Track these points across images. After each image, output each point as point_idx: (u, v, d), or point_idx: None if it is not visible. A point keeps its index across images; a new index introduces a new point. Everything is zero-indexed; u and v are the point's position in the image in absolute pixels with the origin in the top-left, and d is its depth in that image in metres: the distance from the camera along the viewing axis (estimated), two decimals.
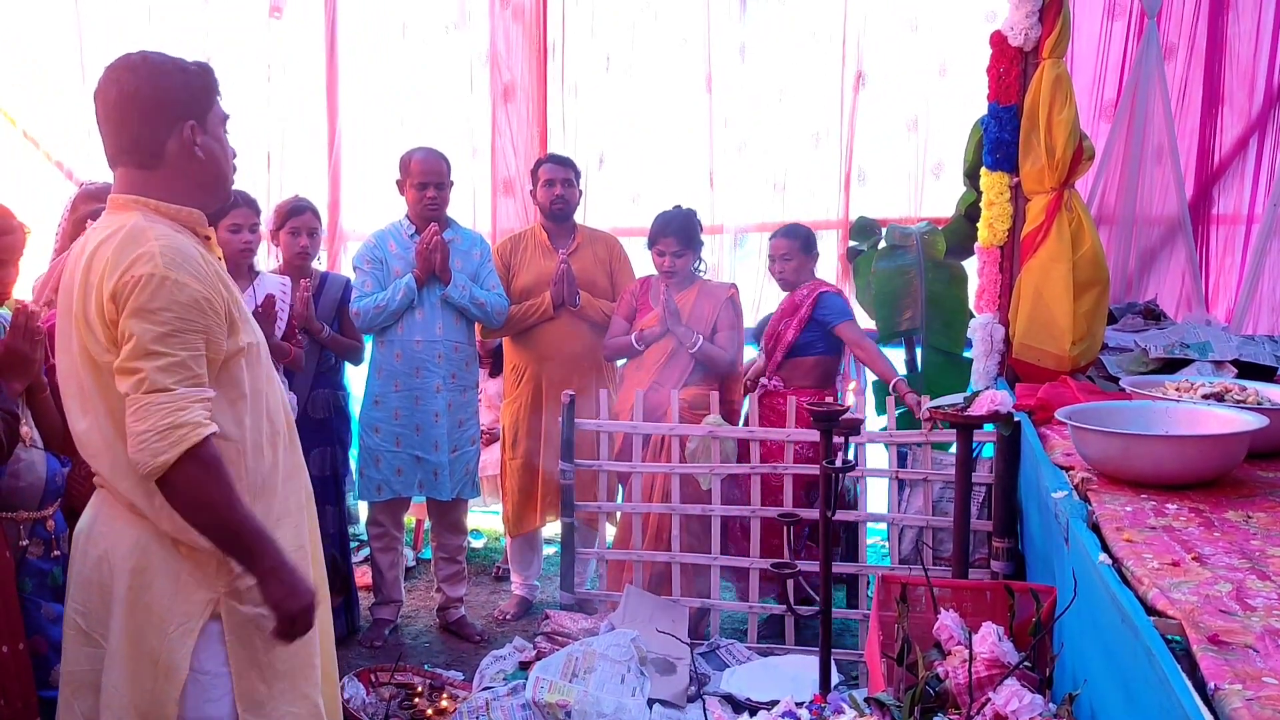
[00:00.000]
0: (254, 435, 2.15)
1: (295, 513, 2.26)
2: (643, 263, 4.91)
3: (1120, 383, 3.36)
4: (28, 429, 2.75)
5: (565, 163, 4.82)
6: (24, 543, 2.74)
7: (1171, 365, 3.76)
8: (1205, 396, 2.95)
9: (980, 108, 4.06)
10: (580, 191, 4.87)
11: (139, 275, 1.98)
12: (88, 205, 3.37)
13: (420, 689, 3.88)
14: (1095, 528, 2.29)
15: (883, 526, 4.56)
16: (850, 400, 4.86)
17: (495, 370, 5.39)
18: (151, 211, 2.10)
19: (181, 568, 2.08)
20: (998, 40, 3.83)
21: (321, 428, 4.35)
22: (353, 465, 4.78)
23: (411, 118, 5.98)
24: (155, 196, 2.11)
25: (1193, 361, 3.74)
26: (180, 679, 2.06)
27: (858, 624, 4.21)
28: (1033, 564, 3.32)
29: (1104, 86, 4.94)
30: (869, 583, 4.14)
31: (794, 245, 4.59)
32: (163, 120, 2.09)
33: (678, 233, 4.45)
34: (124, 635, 2.07)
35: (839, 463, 3.08)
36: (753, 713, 2.34)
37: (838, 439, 3.47)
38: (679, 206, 4.58)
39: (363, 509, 5.09)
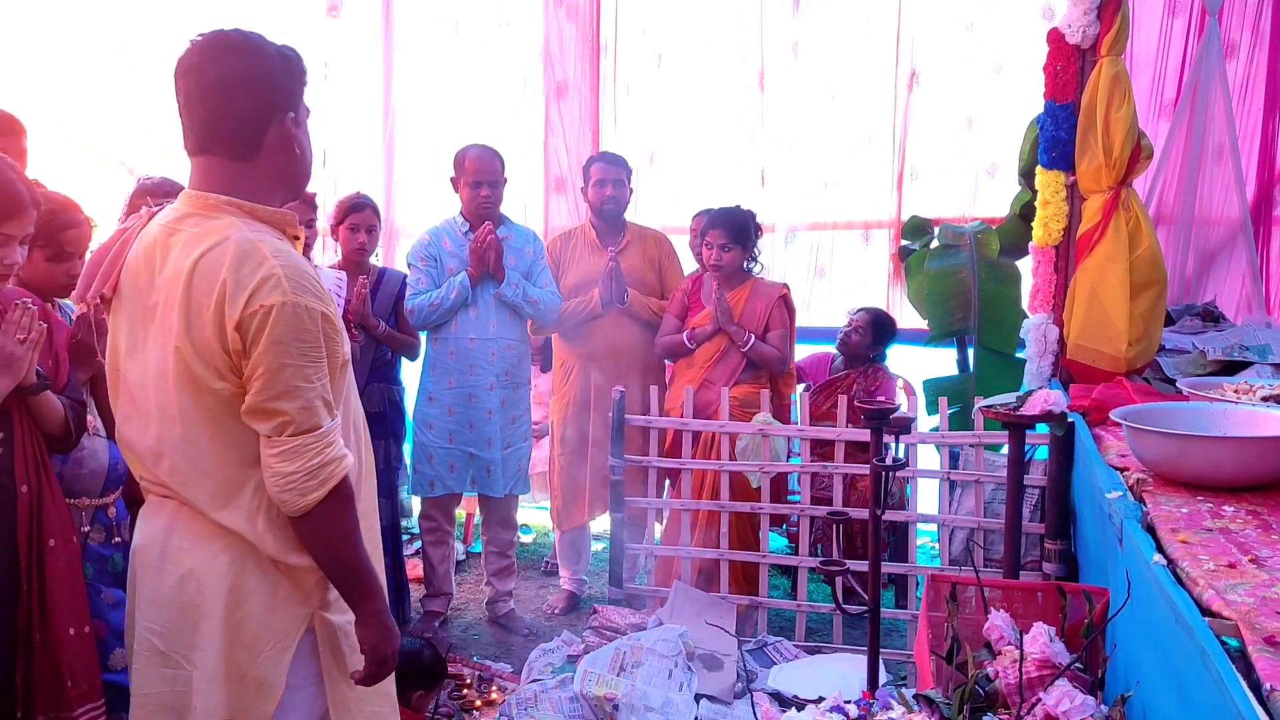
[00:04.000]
0: (343, 440, 2.05)
1: (370, 514, 2.20)
2: (692, 261, 4.92)
3: (1177, 384, 3.32)
4: (92, 418, 2.82)
5: (617, 161, 4.81)
6: (86, 529, 2.80)
7: (1230, 368, 3.71)
8: (1265, 399, 2.90)
9: (1036, 106, 4.03)
10: (631, 190, 4.86)
11: (269, 305, 1.84)
12: (143, 200, 3.43)
13: (470, 680, 3.93)
14: (1150, 529, 2.28)
15: (933, 527, 4.53)
16: (900, 399, 4.84)
17: (545, 366, 5.42)
18: (247, 215, 1.95)
19: (279, 584, 2.02)
20: (1055, 38, 3.80)
21: (376, 421, 4.37)
22: (406, 459, 4.83)
23: (465, 115, 6.03)
24: (245, 194, 1.95)
25: (1252, 364, 3.68)
26: (277, 695, 2.01)
27: (906, 624, 4.19)
28: (1086, 567, 3.28)
29: (1163, 84, 4.87)
30: (918, 584, 4.12)
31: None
32: (266, 108, 1.94)
33: (726, 225, 4.44)
34: (219, 654, 1.99)
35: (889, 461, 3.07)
36: (800, 709, 2.34)
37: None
38: (739, 207, 4.58)
39: (415, 502, 5.14)
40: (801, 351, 4.96)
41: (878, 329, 4.94)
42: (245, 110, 1.93)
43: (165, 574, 2.02)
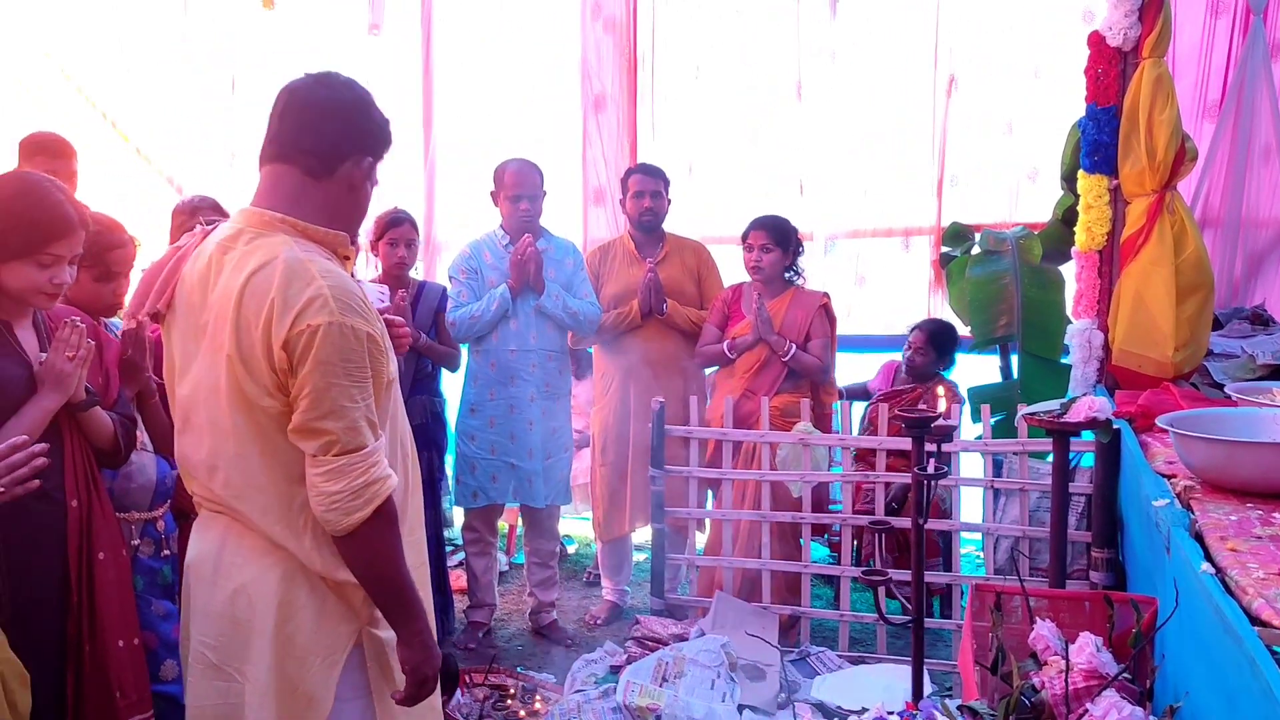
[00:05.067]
0: (390, 459, 2.07)
1: (418, 529, 2.23)
2: (730, 270, 4.91)
3: (1226, 389, 3.27)
4: (140, 433, 2.87)
5: (655, 173, 4.83)
6: (135, 542, 2.86)
7: None
8: None
9: (1076, 109, 4.00)
10: (669, 201, 4.88)
11: (315, 325, 1.88)
12: (191, 219, 3.48)
13: (513, 691, 3.95)
14: (1198, 537, 2.24)
15: (977, 536, 4.49)
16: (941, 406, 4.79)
17: (580, 373, 5.41)
18: (299, 234, 2.01)
19: (327, 599, 2.05)
20: (1095, 40, 3.77)
21: (418, 433, 4.36)
22: (448, 471, 4.86)
23: (504, 129, 6.07)
24: (303, 215, 2.02)
25: None
26: (326, 709, 2.05)
27: (950, 634, 4.15)
28: (1134, 575, 3.24)
29: (1207, 86, 4.80)
30: (962, 593, 4.08)
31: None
32: (352, 140, 2.06)
33: (766, 226, 4.47)
34: (270, 668, 2.02)
35: (931, 469, 3.04)
36: (843, 719, 2.33)
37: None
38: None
39: (458, 514, 5.17)
40: (843, 359, 4.91)
41: (936, 344, 4.84)
42: (335, 133, 2.04)
43: (218, 588, 2.06)
